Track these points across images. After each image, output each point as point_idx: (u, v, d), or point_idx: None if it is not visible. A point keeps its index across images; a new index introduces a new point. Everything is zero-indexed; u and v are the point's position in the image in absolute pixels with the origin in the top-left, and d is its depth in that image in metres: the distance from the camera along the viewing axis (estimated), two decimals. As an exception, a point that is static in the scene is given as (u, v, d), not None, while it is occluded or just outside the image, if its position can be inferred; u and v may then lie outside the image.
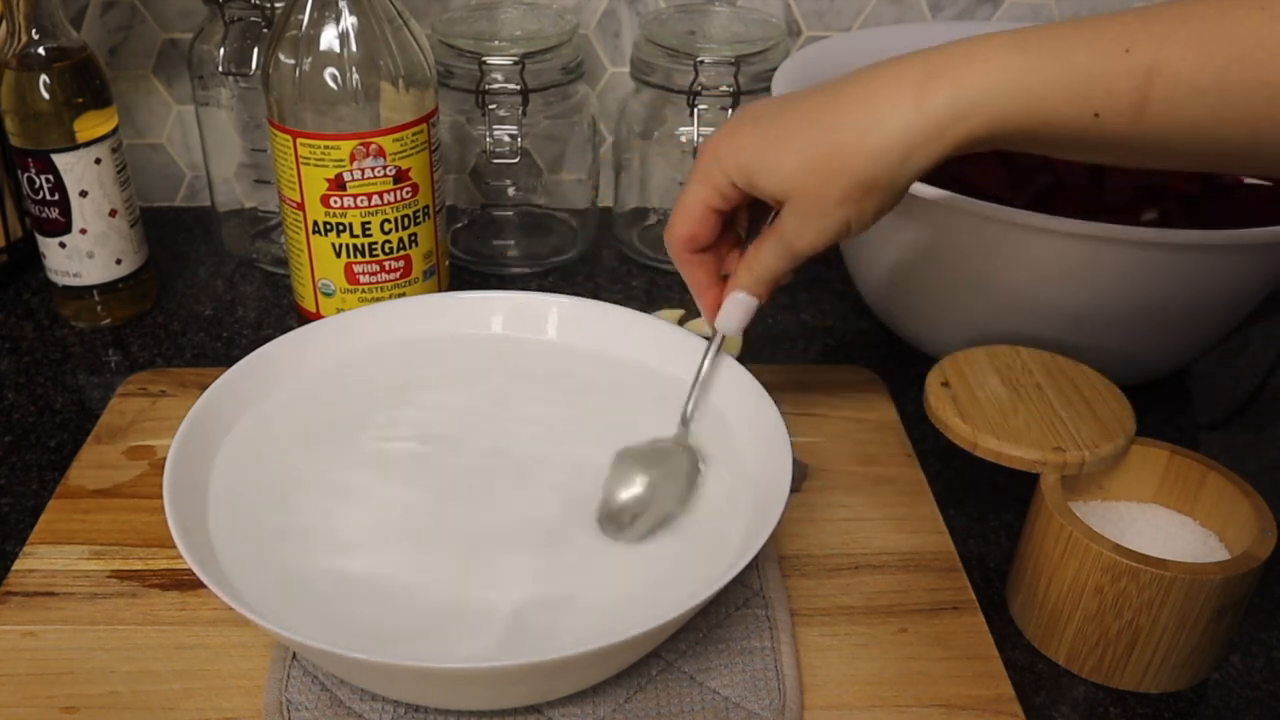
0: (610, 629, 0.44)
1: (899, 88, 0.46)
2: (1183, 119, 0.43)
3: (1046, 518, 0.54)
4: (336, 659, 0.45)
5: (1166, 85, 0.42)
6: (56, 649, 0.54)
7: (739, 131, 0.51)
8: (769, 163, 0.50)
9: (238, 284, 0.87)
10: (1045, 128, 0.45)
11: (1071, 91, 0.44)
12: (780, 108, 0.51)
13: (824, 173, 0.48)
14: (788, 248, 0.52)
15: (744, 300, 0.55)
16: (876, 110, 0.47)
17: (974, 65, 0.45)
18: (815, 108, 0.49)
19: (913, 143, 0.46)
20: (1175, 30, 0.42)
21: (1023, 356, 0.63)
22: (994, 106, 0.45)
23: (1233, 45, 0.41)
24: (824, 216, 0.50)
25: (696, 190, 0.53)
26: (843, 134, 0.47)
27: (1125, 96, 0.43)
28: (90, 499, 0.63)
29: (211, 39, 0.81)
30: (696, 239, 0.54)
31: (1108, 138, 0.44)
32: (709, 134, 0.54)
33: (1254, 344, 0.82)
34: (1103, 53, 0.43)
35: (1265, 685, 0.55)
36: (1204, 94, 0.42)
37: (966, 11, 0.93)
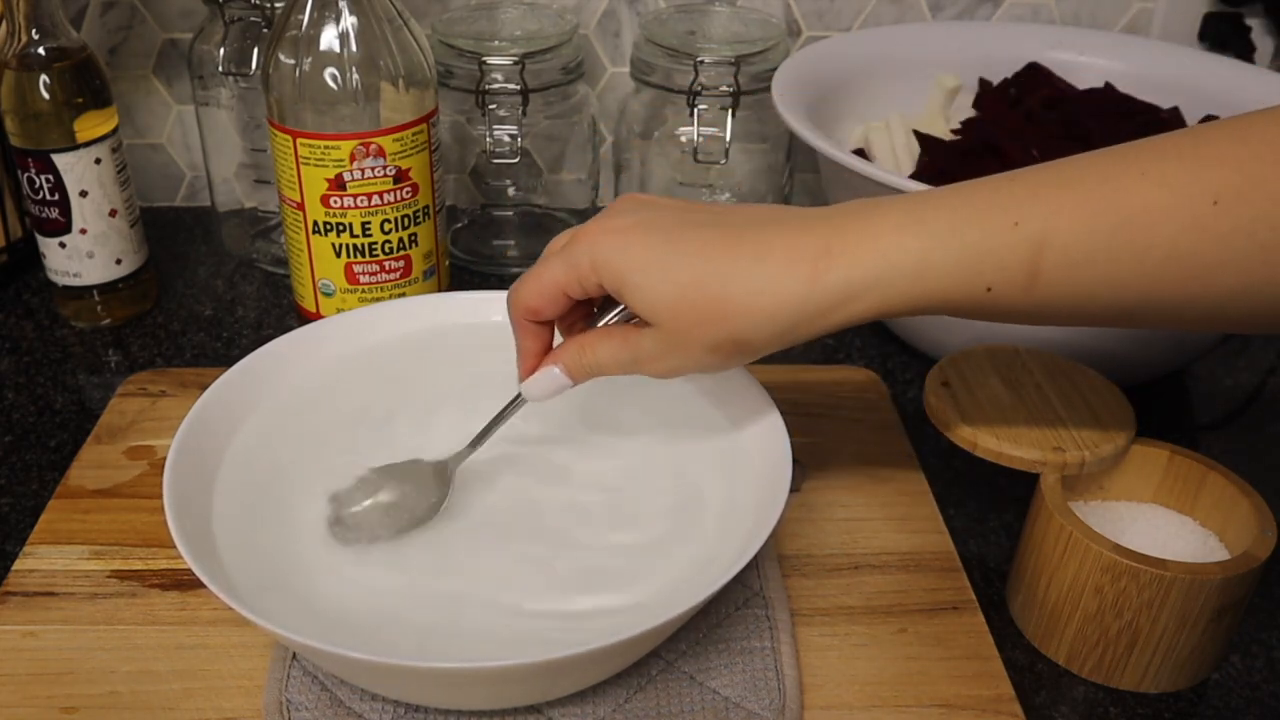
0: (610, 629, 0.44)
1: (797, 257, 0.45)
2: (1075, 286, 0.43)
3: (1046, 518, 0.54)
4: (336, 659, 0.45)
5: (1056, 255, 0.43)
6: (56, 649, 0.54)
7: (625, 232, 0.47)
8: (648, 282, 0.46)
9: (238, 284, 0.87)
10: (939, 303, 0.45)
11: (964, 269, 0.44)
12: (675, 227, 0.47)
13: (702, 317, 0.46)
14: (633, 361, 0.50)
15: (559, 378, 0.52)
16: (770, 274, 0.45)
17: (869, 244, 0.45)
18: (712, 245, 0.46)
19: (800, 317, 0.46)
20: (1061, 199, 0.43)
21: (1023, 356, 0.63)
22: (886, 287, 0.45)
23: (1117, 212, 0.42)
24: (685, 355, 0.48)
25: (557, 272, 0.49)
26: (731, 286, 0.46)
27: (1016, 270, 0.43)
28: (90, 499, 0.62)
29: (211, 39, 0.81)
30: (539, 313, 0.51)
31: (1002, 308, 0.45)
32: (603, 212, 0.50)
33: (1254, 344, 0.82)
34: (993, 227, 0.43)
35: (1265, 685, 0.55)
36: (1093, 262, 0.43)
37: (967, 11, 0.93)
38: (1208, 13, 0.92)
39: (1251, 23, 0.92)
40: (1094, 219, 0.42)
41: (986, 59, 0.85)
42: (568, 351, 0.52)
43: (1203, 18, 0.92)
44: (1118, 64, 0.84)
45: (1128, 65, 0.84)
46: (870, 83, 0.84)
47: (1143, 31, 0.94)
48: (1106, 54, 0.85)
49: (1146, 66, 0.84)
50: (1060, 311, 0.45)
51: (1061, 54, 0.85)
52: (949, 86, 0.84)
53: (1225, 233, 0.41)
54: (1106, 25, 0.94)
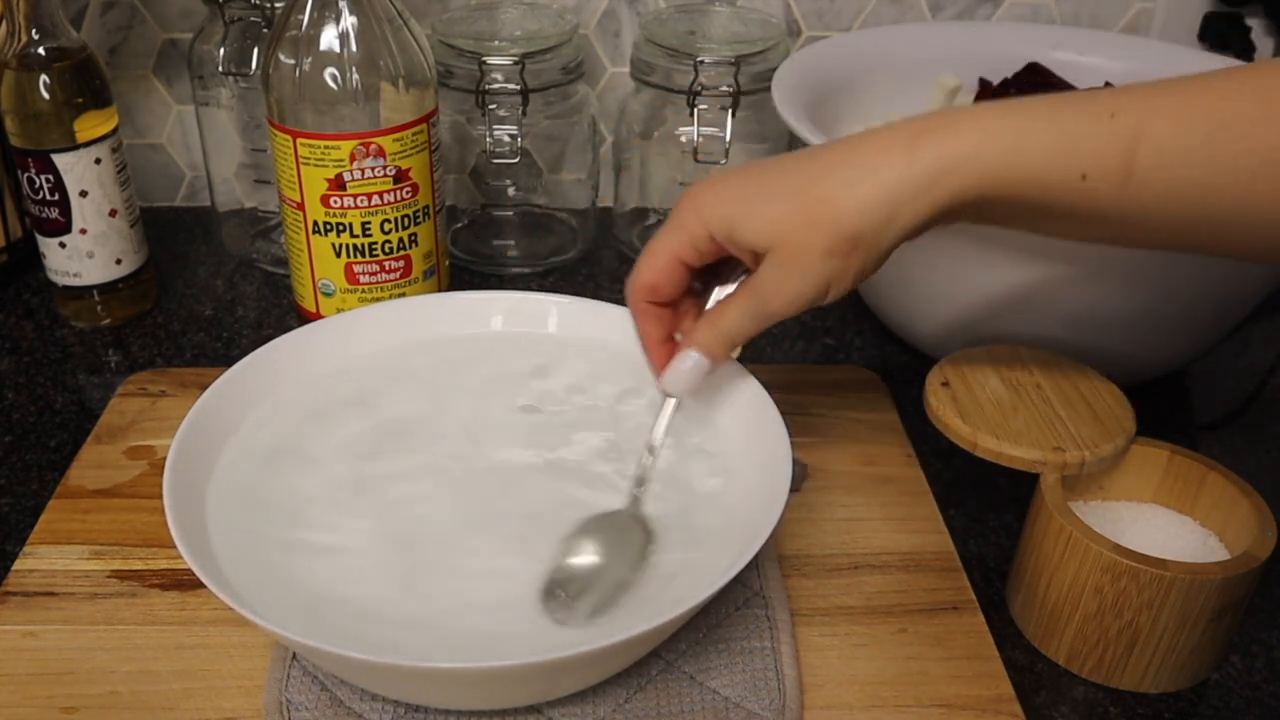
0: (610, 629, 0.44)
1: (889, 144, 0.46)
2: (1169, 186, 0.43)
3: (1046, 518, 0.54)
4: (336, 659, 0.45)
5: (1152, 151, 0.43)
6: (56, 649, 0.54)
7: (722, 182, 0.49)
8: (753, 209, 0.48)
9: (238, 284, 0.87)
10: (1033, 187, 0.45)
11: (1059, 151, 0.44)
12: (766, 162, 0.50)
13: (810, 221, 0.47)
14: (761, 305, 0.50)
15: (697, 361, 0.53)
16: (866, 163, 0.46)
17: (964, 123, 0.45)
18: (804, 160, 0.48)
19: (901, 196, 0.46)
20: (1159, 100, 0.43)
21: (1023, 356, 0.63)
22: (982, 162, 0.45)
23: (1214, 116, 0.42)
24: (806, 270, 0.48)
25: (669, 239, 0.51)
26: (831, 183, 0.47)
27: (1112, 160, 0.44)
28: (90, 499, 0.63)
29: (211, 39, 0.81)
30: (659, 290, 0.52)
31: (1095, 202, 0.45)
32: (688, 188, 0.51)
33: (1254, 344, 0.82)
34: (1090, 116, 0.44)
35: (1265, 685, 0.55)
36: (1189, 163, 0.43)
37: (967, 11, 0.93)
38: (1208, 13, 0.92)
39: (1251, 23, 0.92)
40: (1190, 120, 0.43)
41: (986, 59, 0.85)
42: (697, 332, 0.52)
43: (1203, 18, 0.92)
44: (1118, 64, 0.84)
45: (1128, 65, 0.84)
46: (870, 83, 0.84)
47: (1143, 31, 0.94)
48: (1106, 54, 0.85)
49: (1146, 66, 0.84)
50: (1153, 214, 0.44)
51: (1061, 54, 0.85)
52: (949, 86, 0.84)
53: None
54: (1106, 25, 0.94)
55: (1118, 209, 0.45)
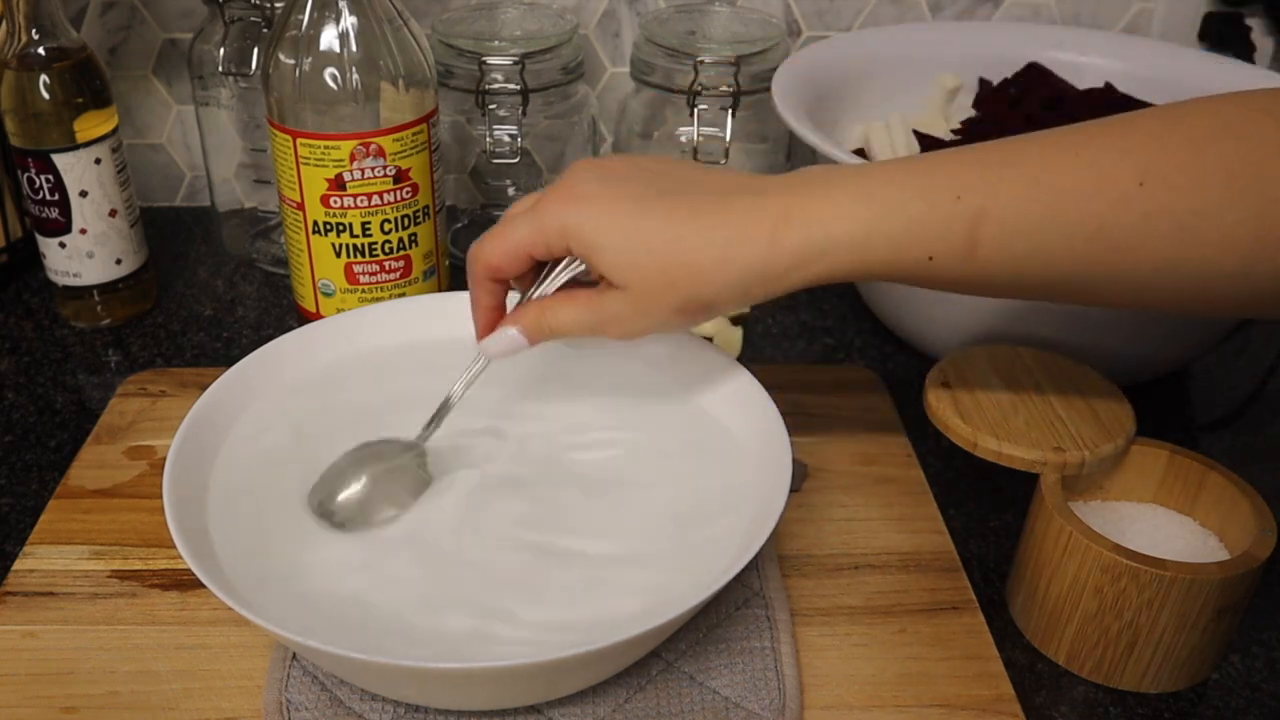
0: (610, 629, 0.44)
1: (756, 221, 0.48)
2: (1011, 257, 0.46)
3: (1046, 518, 0.54)
4: (336, 659, 0.45)
5: (994, 228, 0.46)
6: (56, 649, 0.54)
7: (595, 199, 0.49)
8: (617, 246, 0.49)
9: (238, 284, 0.87)
10: (883, 269, 0.48)
11: (909, 238, 0.47)
12: (642, 196, 0.49)
13: (670, 280, 0.49)
14: (597, 324, 0.51)
15: (516, 338, 0.54)
16: (733, 239, 0.48)
17: (823, 214, 0.47)
18: (678, 212, 0.49)
19: (761, 279, 0.48)
20: (1001, 176, 0.46)
21: (1023, 356, 0.63)
22: (837, 254, 0.47)
23: (1050, 189, 0.45)
24: (651, 316, 0.50)
25: (525, 231, 0.51)
26: (698, 253, 0.48)
27: (956, 240, 0.46)
28: (90, 499, 0.63)
29: (211, 39, 0.81)
30: (501, 271, 0.52)
31: (942, 277, 0.48)
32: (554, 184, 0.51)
33: (1254, 344, 0.82)
34: (937, 201, 0.46)
35: (1265, 685, 0.55)
36: (1028, 234, 0.46)
37: (967, 11, 0.93)
38: (1208, 13, 0.92)
39: (1251, 23, 0.92)
40: (1029, 195, 0.45)
41: (986, 59, 0.85)
42: (528, 314, 0.53)
43: (1203, 18, 0.92)
44: (1118, 64, 0.84)
45: (1128, 65, 0.84)
46: (870, 83, 0.84)
47: (1143, 31, 0.94)
48: (1106, 54, 0.85)
49: (1146, 66, 0.84)
50: (997, 281, 0.48)
51: (1061, 54, 0.85)
52: (949, 86, 0.84)
53: (1149, 212, 0.44)
54: (1106, 25, 0.94)
55: (965, 279, 0.48)
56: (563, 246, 0.50)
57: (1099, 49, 0.86)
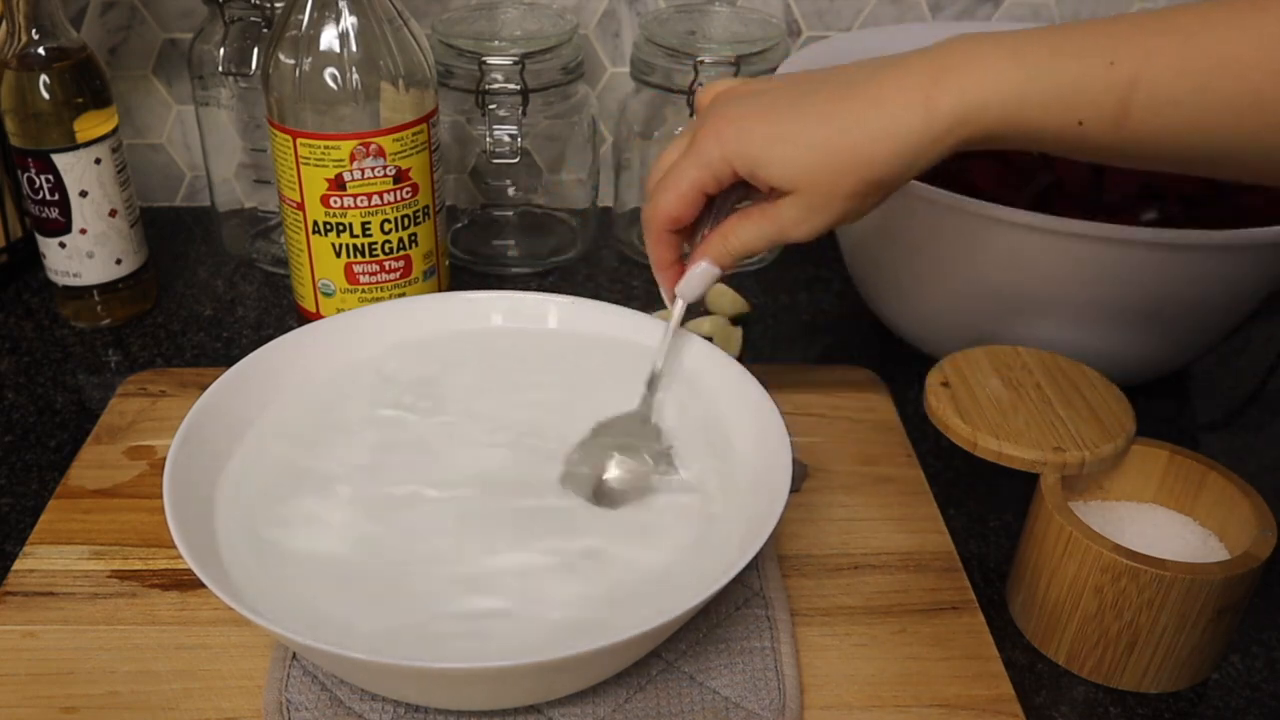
0: (610, 629, 0.44)
1: (909, 92, 0.48)
2: (1163, 127, 0.45)
3: (1046, 518, 0.54)
4: (336, 659, 0.45)
5: (1147, 96, 0.45)
6: (56, 649, 0.54)
7: (745, 118, 0.51)
8: (779, 154, 0.50)
9: (238, 284, 0.87)
10: (1034, 131, 0.47)
11: (1059, 101, 0.46)
12: (788, 97, 0.51)
13: (837, 170, 0.50)
14: (779, 232, 0.53)
15: (708, 270, 0.56)
16: (889, 113, 0.48)
17: (974, 73, 0.47)
18: (827, 103, 0.50)
19: (921, 146, 0.48)
20: (1158, 42, 0.45)
21: (1023, 356, 0.63)
22: (991, 112, 0.47)
23: (1210, 58, 0.44)
24: (829, 209, 0.51)
25: (692, 172, 0.53)
26: (858, 135, 0.49)
27: (1108, 107, 0.46)
28: (90, 499, 0.63)
29: (211, 39, 0.81)
30: (680, 219, 0.54)
31: (1092, 143, 0.47)
32: (711, 107, 0.53)
33: (1254, 344, 0.82)
34: (1089, 65, 0.46)
35: (1265, 685, 0.55)
36: (1182, 104, 0.44)
37: (967, 11, 0.93)
38: (1208, 12, 0.92)
39: (1251, 23, 0.92)
40: (1186, 63, 0.44)
41: (986, 59, 0.85)
42: (711, 245, 0.55)
43: (1203, 17, 0.92)
44: (1118, 64, 0.84)
45: (1128, 65, 0.84)
46: (870, 83, 0.84)
47: (1143, 31, 0.94)
48: (1106, 54, 0.85)
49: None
50: (1148, 150, 0.47)
51: (1061, 54, 0.85)
52: (949, 86, 0.83)
53: None
54: (1106, 25, 0.94)
55: (1113, 145, 0.47)
56: (729, 172, 0.52)
57: (1099, 49, 0.86)
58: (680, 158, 0.54)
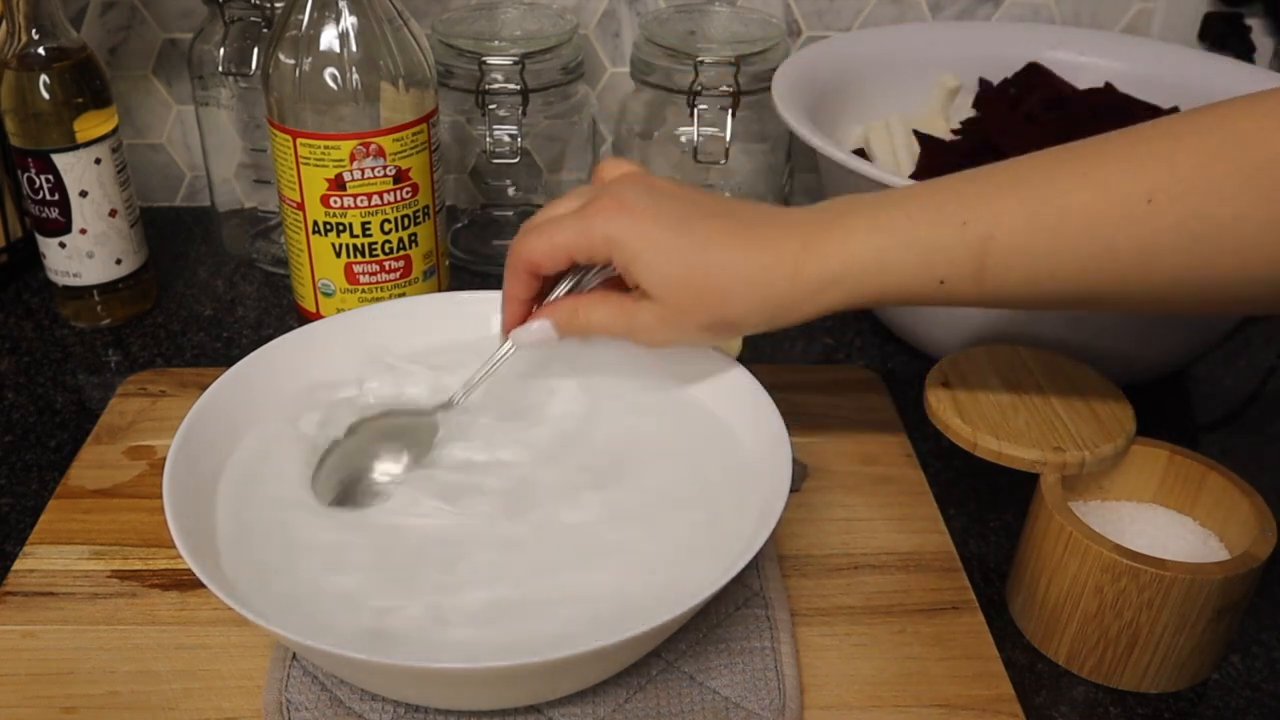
0: (610, 629, 0.44)
1: (782, 252, 0.50)
2: (1021, 278, 0.48)
3: (1046, 518, 0.54)
4: (336, 659, 0.45)
5: (1001, 251, 0.47)
6: (56, 649, 0.54)
7: (641, 213, 0.51)
8: (656, 260, 0.51)
9: (238, 284, 0.87)
10: (897, 295, 0.50)
11: (917, 266, 0.49)
12: (685, 211, 0.52)
13: (701, 301, 0.51)
14: (628, 329, 0.54)
15: (549, 330, 0.56)
16: (762, 267, 0.50)
17: (838, 244, 0.50)
18: (715, 236, 0.51)
19: (781, 308, 0.51)
20: (1007, 201, 0.47)
21: (1023, 356, 0.63)
22: (853, 281, 0.50)
23: (1056, 211, 0.46)
24: (679, 330, 0.53)
25: (570, 235, 0.52)
26: (730, 274, 0.51)
27: (965, 266, 0.48)
28: (90, 499, 0.63)
29: (211, 39, 0.81)
30: (540, 268, 0.54)
31: (956, 299, 0.49)
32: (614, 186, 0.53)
33: (1254, 344, 0.82)
34: (943, 228, 0.48)
35: (1265, 685, 0.55)
36: (1037, 256, 0.47)
37: (967, 11, 0.93)
38: (1208, 13, 0.92)
39: (1251, 23, 0.92)
40: (1035, 218, 0.46)
41: (986, 59, 0.85)
42: (562, 310, 0.55)
43: (1203, 18, 0.92)
44: (1118, 64, 0.84)
45: (1128, 65, 0.84)
46: (870, 83, 0.84)
47: (1143, 31, 0.94)
48: (1106, 54, 0.85)
49: (1146, 66, 0.84)
50: (1010, 300, 0.49)
51: (1061, 54, 0.85)
52: (949, 86, 0.84)
53: (1160, 228, 0.44)
54: (1106, 25, 0.94)
55: (978, 299, 0.49)
56: (605, 254, 0.52)
57: (1099, 49, 0.86)
58: (567, 215, 0.53)
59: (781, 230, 0.51)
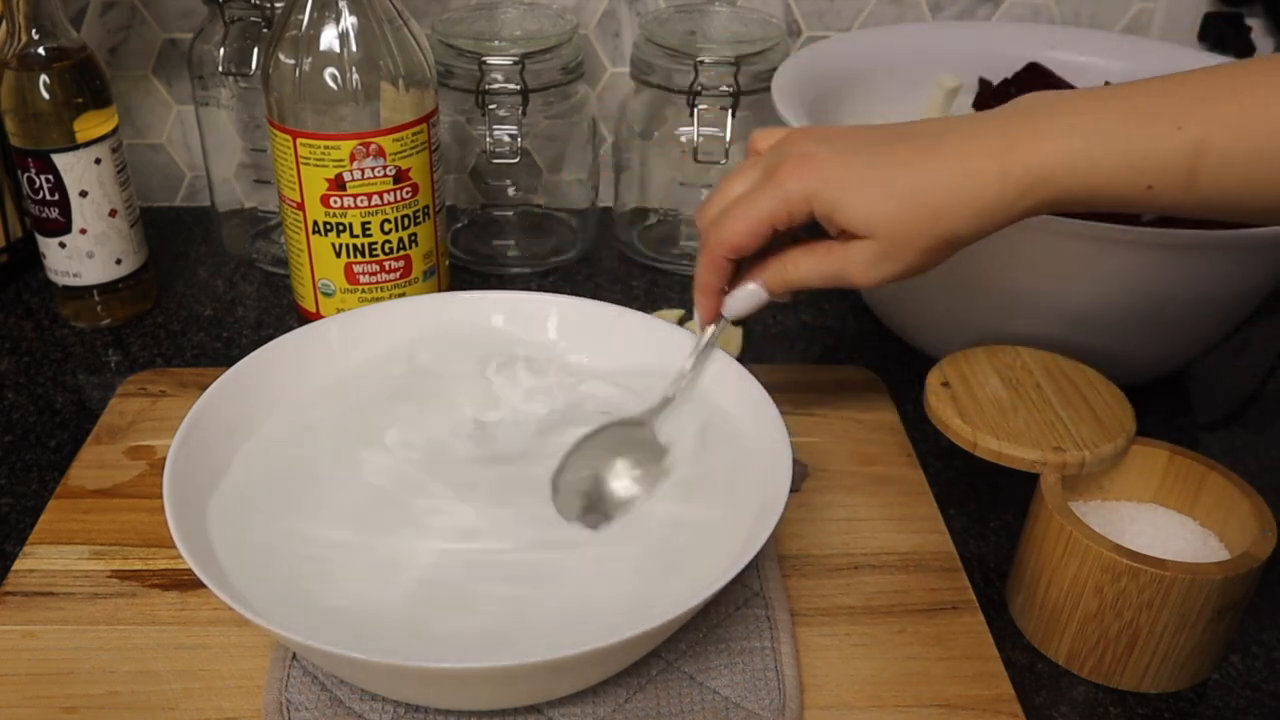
0: (610, 629, 0.44)
1: (986, 157, 0.49)
2: (1231, 187, 0.46)
3: (1046, 518, 0.54)
4: (336, 659, 0.45)
5: (1214, 159, 0.46)
6: (56, 649, 0.54)
7: (828, 160, 0.51)
8: (860, 200, 0.50)
9: (238, 284, 0.87)
10: (1106, 196, 0.48)
11: (1129, 168, 0.47)
12: (869, 145, 0.51)
13: (915, 224, 0.50)
14: (840, 273, 0.52)
15: (758, 292, 0.55)
16: (969, 174, 0.49)
17: (1044, 141, 0.48)
18: (910, 156, 0.50)
19: (998, 209, 0.49)
20: (1223, 106, 0.45)
21: (1023, 356, 0.63)
22: (1062, 179, 0.48)
23: (1272, 120, 0.44)
24: (898, 260, 0.51)
25: (768, 205, 0.52)
26: (939, 191, 0.49)
27: (1176, 171, 0.46)
28: (90, 499, 0.63)
29: (211, 39, 0.81)
30: (746, 249, 0.54)
31: (1162, 204, 0.48)
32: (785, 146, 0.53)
33: (1254, 344, 0.82)
34: (1157, 130, 0.46)
35: (1265, 685, 0.55)
36: (1249, 165, 0.45)
37: (967, 11, 0.93)
38: (1208, 13, 0.92)
39: (1251, 23, 0.92)
40: (1252, 125, 0.45)
41: (986, 59, 0.85)
42: (769, 270, 0.55)
43: (1203, 18, 0.92)
44: (1118, 64, 0.84)
45: (1128, 65, 0.84)
46: (870, 83, 0.84)
47: (1143, 31, 0.94)
48: (1106, 54, 0.85)
49: (1146, 66, 0.83)
50: (1217, 209, 0.48)
51: (1061, 54, 0.85)
52: (949, 86, 0.84)
53: None
54: (1106, 25, 0.94)
55: (1183, 206, 0.48)
56: (805, 211, 0.51)
57: (1099, 49, 0.86)
58: (753, 189, 0.53)
59: (978, 135, 0.50)
